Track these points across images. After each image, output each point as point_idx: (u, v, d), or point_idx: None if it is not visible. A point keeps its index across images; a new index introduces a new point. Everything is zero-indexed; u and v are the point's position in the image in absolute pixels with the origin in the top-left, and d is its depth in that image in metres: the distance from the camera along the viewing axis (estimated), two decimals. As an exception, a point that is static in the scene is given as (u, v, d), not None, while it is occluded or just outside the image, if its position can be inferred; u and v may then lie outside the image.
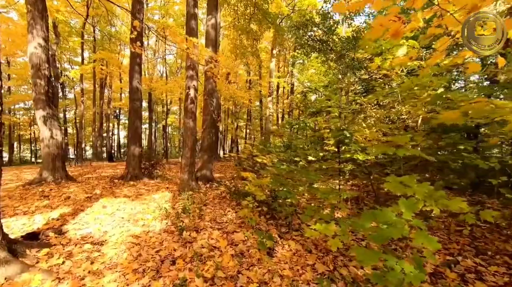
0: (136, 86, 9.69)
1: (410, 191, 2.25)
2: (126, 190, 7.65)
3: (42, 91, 8.58)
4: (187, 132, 7.29)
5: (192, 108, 7.28)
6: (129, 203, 6.11)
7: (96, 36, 25.94)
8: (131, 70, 9.75)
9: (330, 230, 2.69)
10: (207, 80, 8.85)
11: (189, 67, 7.37)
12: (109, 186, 8.42)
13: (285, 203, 4.38)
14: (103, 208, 5.57)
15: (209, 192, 7.31)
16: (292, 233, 4.09)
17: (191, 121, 7.28)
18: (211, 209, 5.46)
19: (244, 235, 3.97)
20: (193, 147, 7.33)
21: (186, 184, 7.17)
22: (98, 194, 7.06)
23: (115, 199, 6.49)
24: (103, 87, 28.81)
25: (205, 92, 8.89)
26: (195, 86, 7.35)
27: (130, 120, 9.74)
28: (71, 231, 4.22)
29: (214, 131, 8.88)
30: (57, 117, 9.21)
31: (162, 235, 4.13)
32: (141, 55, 9.87)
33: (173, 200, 6.34)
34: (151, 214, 5.18)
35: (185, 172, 7.20)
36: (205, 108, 8.84)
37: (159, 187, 8.23)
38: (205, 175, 8.58)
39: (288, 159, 7.31)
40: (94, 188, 8.04)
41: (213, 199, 6.40)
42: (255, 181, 4.38)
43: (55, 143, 8.79)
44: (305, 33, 13.13)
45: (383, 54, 5.41)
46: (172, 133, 45.73)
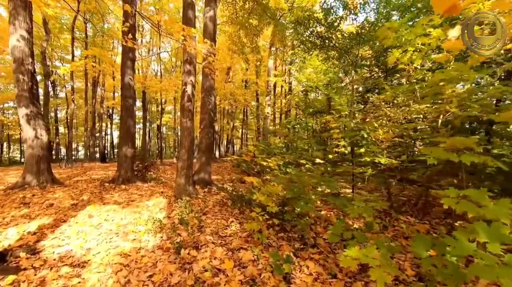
0: (129, 82, 9.03)
1: (489, 213, 1.67)
2: (117, 196, 7.00)
3: (26, 88, 7.89)
4: (183, 132, 6.67)
5: (189, 106, 6.65)
6: (119, 211, 5.47)
7: (88, 33, 25.16)
8: (123, 65, 9.08)
9: (371, 256, 2.10)
10: (205, 77, 8.23)
11: (186, 61, 6.75)
12: (98, 190, 7.75)
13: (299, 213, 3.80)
14: (89, 218, 4.92)
15: (208, 197, 6.70)
16: (309, 250, 3.50)
17: (188, 120, 6.66)
18: (211, 219, 4.84)
19: (253, 253, 3.37)
20: (191, 149, 6.71)
21: (183, 189, 6.54)
22: (85, 200, 6.40)
23: (103, 206, 5.84)
24: (95, 85, 28.00)
25: (203, 89, 8.27)
26: (192, 82, 6.73)
27: (122, 119, 9.07)
28: (48, 249, 3.57)
29: (212, 131, 8.26)
30: (42, 116, 8.52)
31: (156, 253, 3.51)
32: (134, 50, 9.21)
33: (168, 208, 5.71)
34: (144, 225, 4.55)
35: (181, 176, 6.57)
36: (203, 107, 8.22)
37: (153, 192, 7.59)
38: (203, 178, 7.95)
39: (294, 161, 6.75)
40: (82, 193, 7.38)
41: (213, 207, 5.78)
42: (264, 188, 3.79)
43: (40, 144, 8.11)
44: (307, 29, 12.58)
45: (403, 46, 4.86)
46: (166, 133, 44.99)
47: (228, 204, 5.92)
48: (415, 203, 4.79)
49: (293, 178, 3.86)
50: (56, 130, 32.58)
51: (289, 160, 6.45)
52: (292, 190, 3.44)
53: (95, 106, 27.77)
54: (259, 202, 3.69)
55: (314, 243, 3.66)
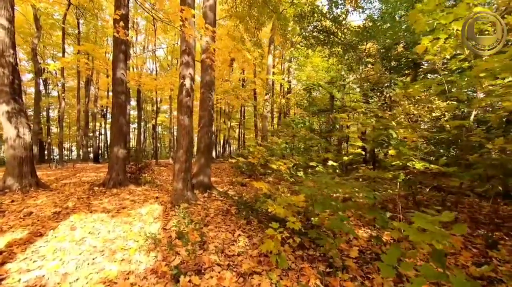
0: (121, 77, 8.30)
1: None
2: (107, 202, 6.28)
3: (6, 82, 7.15)
4: (181, 131, 5.97)
5: (188, 102, 5.96)
6: (107, 221, 4.76)
7: (81, 30, 24.34)
8: (114, 59, 8.35)
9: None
10: (204, 71, 7.53)
11: (184, 52, 6.05)
12: (86, 195, 7.02)
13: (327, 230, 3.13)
14: (71, 231, 4.21)
15: (208, 204, 6.00)
16: (338, 275, 2.84)
17: (187, 117, 5.96)
18: (215, 232, 4.15)
19: (270, 280, 2.70)
20: (189, 149, 6.02)
21: (180, 194, 5.85)
22: (69, 208, 5.67)
23: (90, 215, 5.12)
24: (88, 84, 27.14)
25: (202, 84, 7.57)
26: (191, 75, 6.03)
27: (114, 117, 8.34)
28: (13, 276, 2.86)
29: (212, 130, 7.57)
30: (25, 113, 7.75)
31: (148, 279, 2.82)
32: (126, 42, 8.48)
33: (164, 217, 5.01)
34: (135, 240, 3.85)
35: (179, 180, 5.87)
36: (202, 103, 7.52)
37: (147, 197, 6.88)
38: (202, 182, 7.26)
39: (303, 163, 6.10)
40: (68, 198, 6.64)
41: (215, 215, 5.09)
42: (282, 199, 3.11)
43: (22, 144, 7.37)
44: (310, 23, 11.94)
45: (435, 32, 4.23)
46: (162, 133, 44.20)
47: (232, 212, 5.23)
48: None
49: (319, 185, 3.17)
50: (48, 130, 31.70)
51: (299, 162, 5.80)
52: (322, 204, 2.76)
53: (88, 105, 26.91)
54: (273, 214, 3.01)
55: (342, 265, 2.99)
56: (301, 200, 2.94)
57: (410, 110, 5.31)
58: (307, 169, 6.85)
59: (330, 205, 2.67)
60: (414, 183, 4.02)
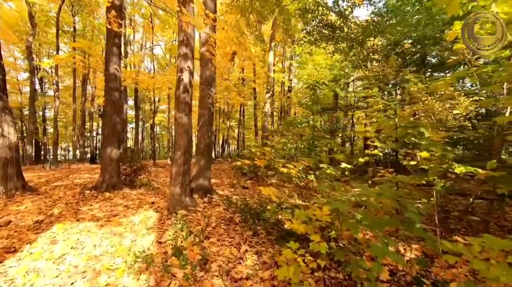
0: (114, 73, 7.72)
1: None
2: (97, 208, 5.71)
3: (-13, 77, 6.60)
4: (179, 130, 5.39)
5: (186, 98, 5.39)
6: (94, 232, 4.19)
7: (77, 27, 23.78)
8: (107, 52, 7.77)
9: None
10: (204, 65, 6.96)
11: (182, 42, 5.48)
12: (76, 200, 6.44)
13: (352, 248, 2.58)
14: (51, 245, 3.64)
15: (209, 211, 5.44)
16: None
17: (185, 115, 5.39)
18: (217, 247, 3.59)
19: (290, 316, 2.15)
20: (188, 150, 5.45)
21: (178, 200, 5.28)
22: (55, 215, 5.10)
23: (76, 224, 4.55)
24: (85, 82, 26.56)
25: (202, 80, 7.00)
26: (190, 69, 5.46)
27: (107, 115, 7.75)
28: (-33, 310, 2.31)
29: (212, 129, 7.02)
30: (10, 111, 7.16)
31: (137, 314, 2.27)
32: (120, 35, 7.89)
33: (159, 227, 4.44)
34: (124, 257, 3.29)
35: (176, 184, 5.30)
36: (202, 100, 6.95)
37: (142, 202, 6.31)
38: (202, 185, 6.69)
39: (314, 166, 5.55)
40: (55, 203, 6.07)
41: (217, 225, 4.52)
42: (301, 212, 2.55)
43: (7, 144, 6.80)
44: (315, 17, 11.40)
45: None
46: (160, 133, 43.64)
47: (236, 221, 4.66)
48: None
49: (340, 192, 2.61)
50: (44, 130, 31.13)
51: (309, 164, 5.25)
52: (360, 224, 2.18)
53: (85, 104, 26.32)
54: (290, 229, 2.46)
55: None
56: (325, 214, 2.39)
57: (432, 107, 4.77)
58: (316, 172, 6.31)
59: (371, 223, 2.09)
60: (452, 190, 3.48)
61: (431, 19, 8.71)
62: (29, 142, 20.08)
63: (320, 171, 5.85)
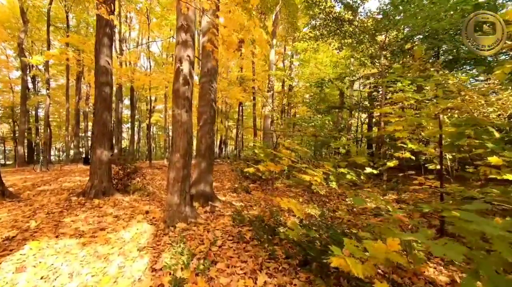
0: (105, 65, 6.94)
1: None
2: (82, 219, 4.93)
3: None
4: (177, 129, 4.63)
5: (186, 92, 4.63)
6: (74, 254, 3.42)
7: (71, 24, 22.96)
8: (97, 43, 6.99)
9: None
10: (205, 57, 6.20)
11: (181, 28, 4.72)
12: (60, 209, 5.66)
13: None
14: (16, 273, 2.87)
15: (212, 223, 4.68)
16: None
17: (185, 112, 4.64)
18: (227, 275, 2.84)
19: None
20: (188, 152, 4.69)
21: (176, 211, 4.51)
22: (31, 229, 4.32)
23: (54, 241, 3.78)
24: (79, 81, 25.66)
25: (203, 73, 6.24)
26: (190, 58, 4.71)
27: (97, 112, 6.97)
28: None
29: (213, 128, 6.27)
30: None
31: None
32: (112, 24, 7.11)
33: (155, 246, 3.68)
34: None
35: (174, 192, 4.54)
36: (203, 96, 6.19)
37: (135, 211, 5.55)
38: (203, 191, 5.93)
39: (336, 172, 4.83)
40: (36, 213, 5.29)
41: (224, 243, 3.76)
42: (352, 246, 1.80)
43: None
44: (322, 10, 10.69)
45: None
46: (156, 133, 42.81)
47: (246, 238, 3.90)
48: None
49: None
50: (37, 130, 30.18)
51: (328, 169, 4.53)
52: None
53: (79, 104, 25.43)
54: (339, 266, 1.72)
55: None
56: (393, 249, 1.66)
57: (477, 103, 4.07)
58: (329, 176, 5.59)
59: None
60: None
61: (450, 9, 8.06)
62: (20, 143, 19.21)
63: (338, 176, 5.15)
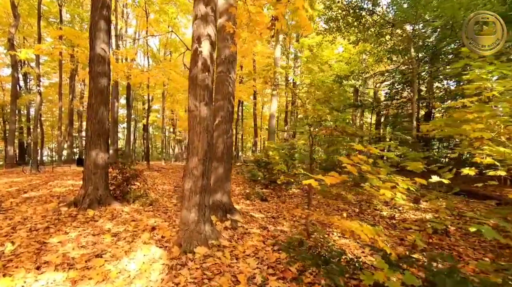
0: (101, 53, 5.90)
1: None
2: (74, 238, 3.91)
3: None
4: (195, 127, 3.63)
5: (206, 80, 3.64)
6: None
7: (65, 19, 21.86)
8: (92, 27, 5.95)
9: None
10: (222, 41, 5.21)
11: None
12: (45, 224, 4.62)
13: None
14: None
15: (239, 245, 3.68)
16: None
17: (204, 105, 3.64)
18: None
19: None
20: (208, 156, 3.69)
21: (194, 231, 3.50)
22: (6, 256, 3.29)
23: (33, 279, 2.76)
24: (73, 79, 24.47)
25: (220, 60, 5.24)
26: (211, 37, 3.72)
27: (92, 108, 5.92)
28: None
29: (231, 127, 5.28)
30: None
31: None
32: (109, 4, 6.09)
33: (171, 285, 2.68)
34: None
35: (191, 206, 3.53)
36: (219, 87, 5.19)
37: (139, 226, 4.54)
38: (220, 202, 4.93)
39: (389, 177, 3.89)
40: (15, 231, 4.27)
41: (267, 281, 2.77)
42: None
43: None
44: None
45: None
46: (153, 133, 41.72)
47: (291, 271, 2.92)
48: None
49: None
50: (28, 130, 28.92)
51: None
52: None
53: (73, 102, 24.24)
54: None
55: None
56: None
57: None
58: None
59: None
60: None
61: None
62: (10, 143, 18.02)
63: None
